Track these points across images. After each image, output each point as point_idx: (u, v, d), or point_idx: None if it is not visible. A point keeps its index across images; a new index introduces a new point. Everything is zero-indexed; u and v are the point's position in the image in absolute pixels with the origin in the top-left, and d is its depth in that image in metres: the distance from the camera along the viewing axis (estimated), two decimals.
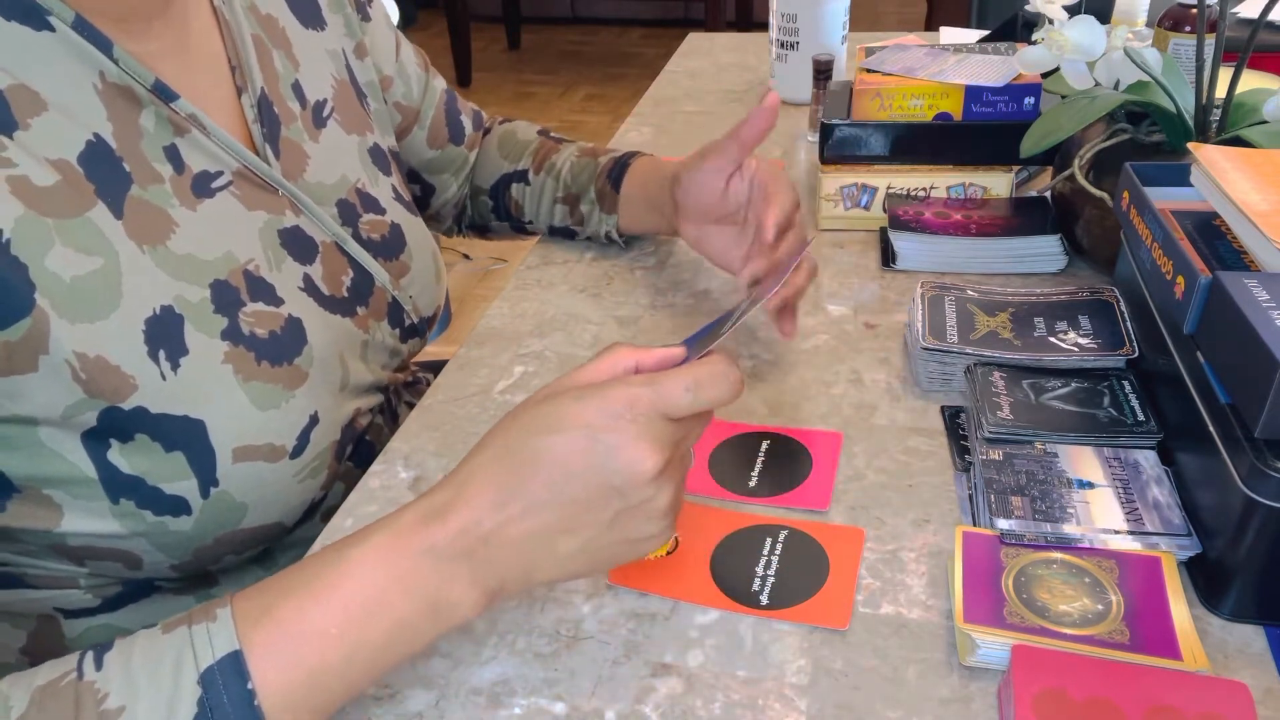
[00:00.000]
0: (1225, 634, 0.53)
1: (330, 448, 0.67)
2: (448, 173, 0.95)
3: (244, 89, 0.68)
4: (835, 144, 0.95)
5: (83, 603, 0.66)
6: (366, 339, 0.73)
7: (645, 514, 0.47)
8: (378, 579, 0.46)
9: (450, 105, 0.94)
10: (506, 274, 2.61)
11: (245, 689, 0.43)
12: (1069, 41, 0.79)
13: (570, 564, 0.48)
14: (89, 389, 0.55)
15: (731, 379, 0.48)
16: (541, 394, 0.49)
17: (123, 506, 0.59)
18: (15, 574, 0.64)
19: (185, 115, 0.62)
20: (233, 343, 0.61)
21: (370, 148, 0.79)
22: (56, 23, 0.56)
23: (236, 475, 0.61)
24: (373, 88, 0.82)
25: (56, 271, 0.54)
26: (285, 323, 0.65)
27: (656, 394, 0.46)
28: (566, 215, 0.93)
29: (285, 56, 0.73)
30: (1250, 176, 0.62)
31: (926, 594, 0.57)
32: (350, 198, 0.75)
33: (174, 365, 0.58)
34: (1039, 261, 0.86)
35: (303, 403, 0.64)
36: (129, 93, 0.59)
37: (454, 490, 0.47)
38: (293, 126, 0.71)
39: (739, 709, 0.51)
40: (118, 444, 0.57)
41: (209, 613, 0.45)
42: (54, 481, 0.58)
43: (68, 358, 0.54)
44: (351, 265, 0.73)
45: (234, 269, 0.63)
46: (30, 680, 0.44)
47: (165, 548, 0.62)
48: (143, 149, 0.60)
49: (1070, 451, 0.62)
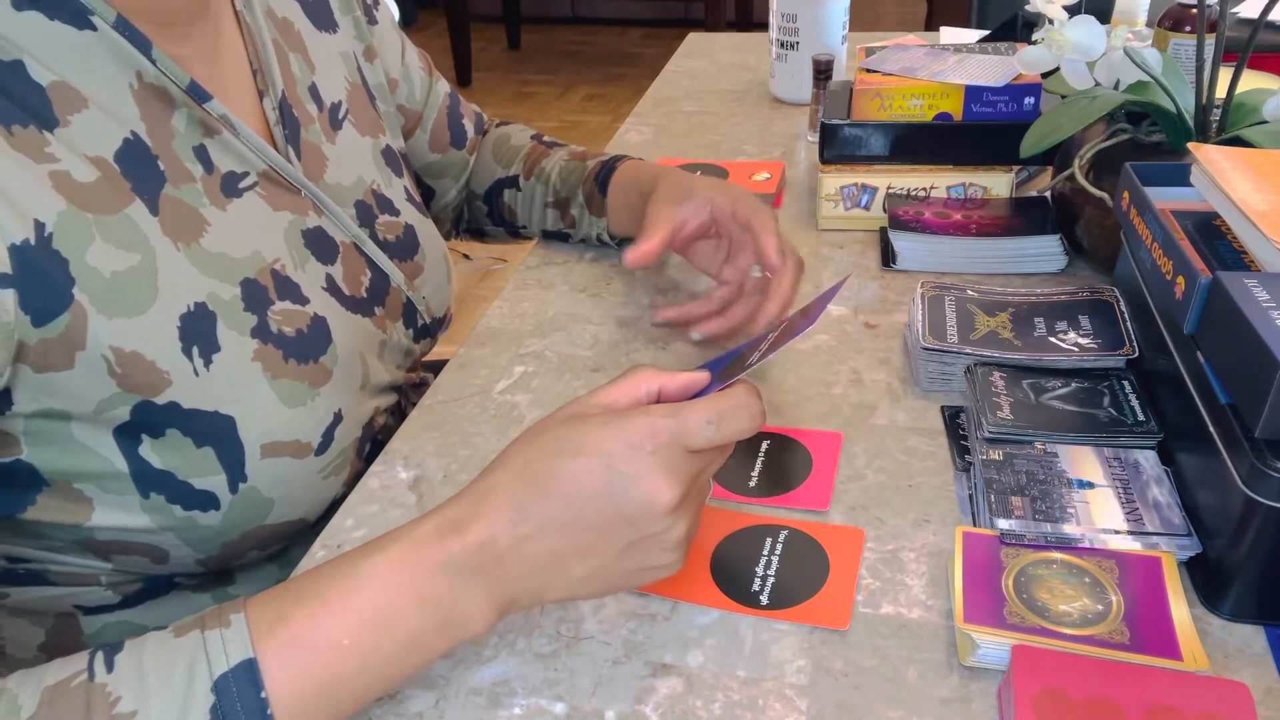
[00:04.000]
0: (1225, 634, 0.53)
1: (352, 445, 0.68)
2: (448, 177, 0.95)
3: (265, 92, 0.69)
4: (835, 144, 0.95)
5: (103, 599, 0.67)
6: (385, 339, 0.74)
7: (660, 545, 0.48)
8: (392, 591, 0.46)
9: (453, 109, 0.94)
10: (506, 274, 2.61)
11: (259, 697, 0.43)
12: (1069, 41, 0.79)
13: (582, 587, 0.49)
14: (124, 384, 0.56)
15: (753, 411, 0.48)
16: (564, 413, 0.49)
17: (153, 501, 0.60)
18: (38, 571, 0.64)
19: (217, 116, 0.62)
20: (262, 340, 0.62)
21: (383, 149, 0.80)
22: (99, 22, 0.56)
23: (264, 471, 0.62)
24: (382, 90, 0.83)
25: (96, 267, 0.54)
26: (311, 321, 0.65)
27: (678, 426, 0.46)
28: (558, 219, 0.94)
29: (302, 59, 0.73)
30: (1250, 176, 0.62)
31: (926, 594, 0.57)
32: (367, 199, 0.75)
33: (206, 361, 0.59)
34: (1039, 261, 0.86)
35: (327, 400, 0.65)
36: (164, 93, 0.60)
37: (472, 504, 0.47)
38: (311, 128, 0.72)
39: (739, 709, 0.51)
40: (149, 439, 0.58)
41: (222, 618, 0.45)
42: (85, 476, 0.58)
43: (104, 352, 0.55)
44: (369, 266, 0.73)
45: (262, 268, 0.63)
46: (39, 679, 0.44)
47: (193, 542, 0.62)
48: (174, 148, 0.61)
49: (1070, 451, 0.62)
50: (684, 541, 0.48)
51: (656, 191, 0.81)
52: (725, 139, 1.20)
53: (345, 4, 0.80)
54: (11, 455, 0.57)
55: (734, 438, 0.48)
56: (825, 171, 0.95)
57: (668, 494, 0.46)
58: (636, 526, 0.47)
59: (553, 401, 0.75)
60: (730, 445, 0.50)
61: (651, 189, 0.82)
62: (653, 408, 0.47)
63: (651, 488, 0.46)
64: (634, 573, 0.49)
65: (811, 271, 0.90)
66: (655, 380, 0.50)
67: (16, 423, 0.55)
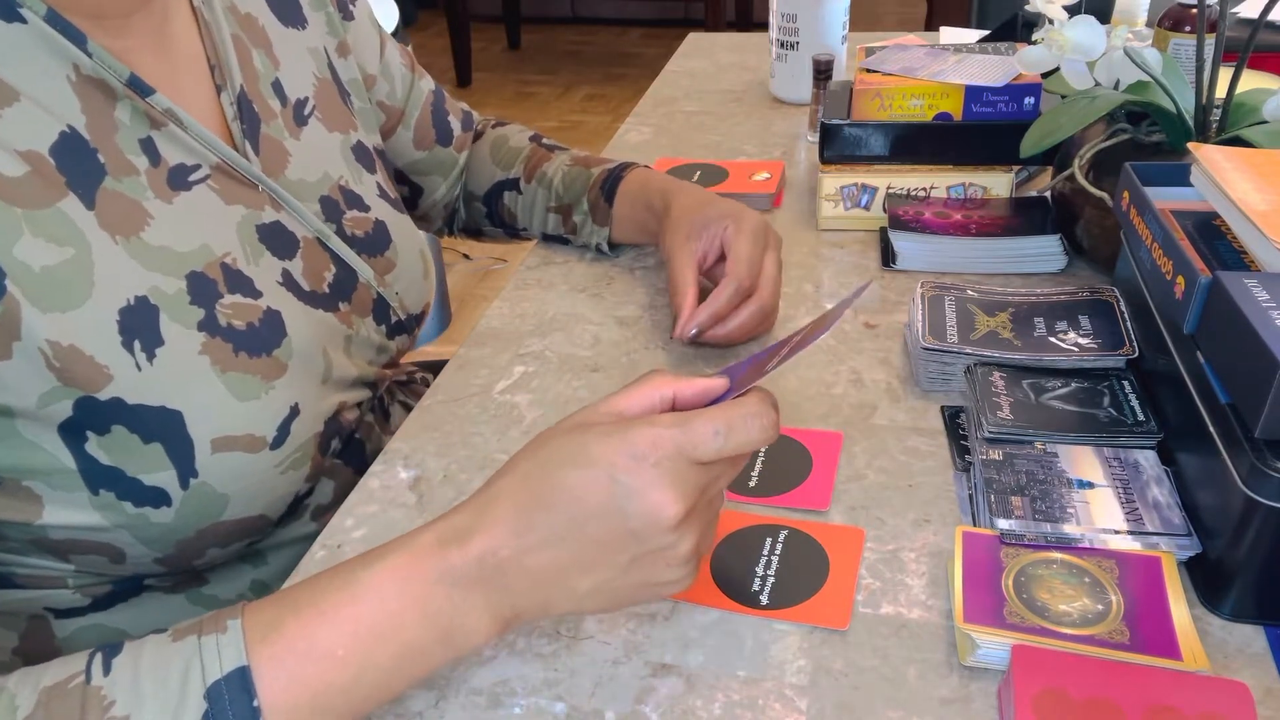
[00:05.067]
0: (1225, 634, 0.53)
1: (313, 440, 0.67)
2: (436, 174, 0.95)
3: (223, 87, 0.68)
4: (835, 144, 0.95)
5: (72, 602, 0.66)
6: (350, 334, 0.73)
7: (666, 560, 0.46)
8: (390, 602, 0.45)
9: (438, 106, 0.93)
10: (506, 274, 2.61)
11: (250, 706, 0.43)
12: (1069, 41, 0.79)
13: (587, 601, 0.47)
14: (63, 377, 0.55)
15: (765, 421, 0.46)
16: (572, 420, 0.48)
17: (103, 498, 0.59)
18: (3, 573, 0.64)
19: (162, 110, 0.62)
20: (210, 334, 0.61)
21: (354, 145, 0.79)
22: (29, 15, 0.56)
23: (216, 466, 0.61)
24: (356, 85, 0.82)
25: (25, 260, 0.54)
26: (264, 315, 0.64)
27: (683, 436, 0.45)
28: (560, 225, 0.93)
29: (265, 55, 0.73)
30: (1250, 176, 0.62)
31: (926, 594, 0.57)
32: (333, 194, 0.74)
33: (150, 356, 0.58)
34: (1039, 261, 0.86)
35: (283, 394, 0.64)
36: (104, 86, 0.59)
37: (474, 515, 0.47)
38: (273, 124, 0.71)
39: (739, 709, 0.51)
40: (95, 436, 0.57)
41: (219, 623, 0.45)
42: (34, 472, 0.58)
43: (40, 346, 0.54)
44: (334, 261, 0.72)
45: (210, 261, 0.63)
46: (37, 679, 0.44)
47: (147, 540, 0.62)
48: (117, 141, 0.60)
49: (1070, 451, 0.62)
50: (692, 557, 0.47)
51: (670, 221, 0.81)
52: (725, 139, 1.20)
53: (316, 0, 0.79)
54: None
55: (744, 449, 0.46)
56: (825, 171, 0.95)
57: (672, 508, 0.44)
58: (641, 541, 0.45)
59: (553, 401, 0.75)
60: (744, 457, 0.48)
61: (664, 208, 0.82)
62: (659, 417, 0.46)
63: (655, 501, 0.44)
64: (640, 588, 0.47)
65: (811, 271, 0.90)
66: (670, 386, 0.48)
67: None
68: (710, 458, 0.45)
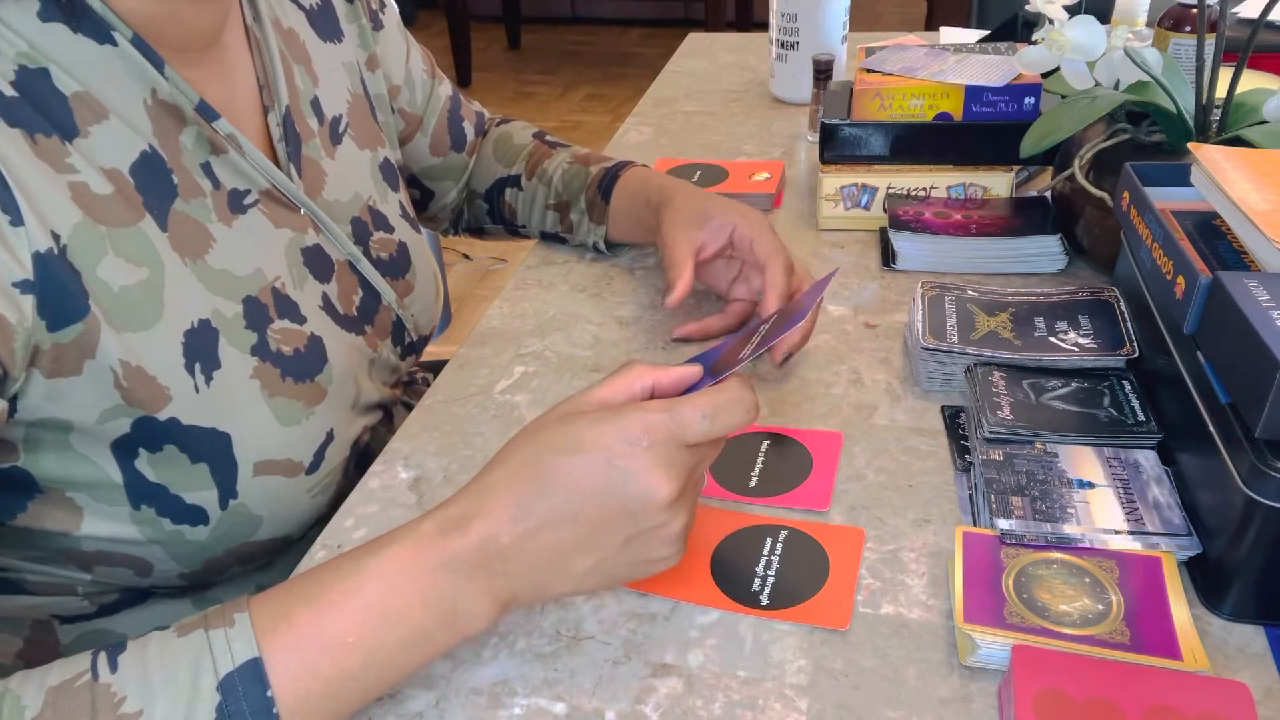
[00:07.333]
0: (1225, 634, 0.53)
1: (341, 464, 0.68)
2: (447, 179, 0.95)
3: (271, 107, 0.69)
4: (835, 144, 0.95)
5: (79, 609, 0.67)
6: (374, 357, 0.74)
7: (659, 538, 0.49)
8: (395, 589, 0.46)
9: (454, 113, 0.93)
10: (506, 274, 2.61)
11: (265, 696, 0.44)
12: (1069, 41, 0.79)
13: (584, 581, 0.49)
14: (128, 397, 0.56)
15: (747, 404, 0.49)
16: (560, 410, 0.50)
17: (143, 513, 0.60)
18: (14, 580, 0.64)
19: (224, 135, 0.62)
20: (261, 359, 0.62)
21: (381, 163, 0.80)
22: (118, 38, 0.57)
23: (255, 489, 0.62)
24: (382, 100, 0.82)
25: (106, 280, 0.55)
26: (308, 341, 0.66)
27: (673, 421, 0.47)
28: (557, 222, 0.93)
29: (305, 72, 0.73)
30: (1250, 176, 0.62)
31: (926, 594, 0.57)
32: (363, 215, 0.75)
33: (207, 378, 0.59)
34: (1039, 261, 0.86)
35: (320, 420, 0.66)
36: (175, 110, 0.60)
37: (473, 502, 0.48)
38: (311, 143, 0.72)
39: (739, 709, 0.51)
40: (146, 453, 0.58)
41: (226, 617, 0.45)
42: (79, 484, 0.58)
43: (112, 365, 0.55)
44: (361, 284, 0.73)
45: (263, 286, 0.64)
46: (42, 679, 0.44)
47: (179, 556, 0.62)
48: (184, 164, 0.61)
49: (1070, 451, 0.62)
50: (682, 534, 0.49)
51: (670, 211, 0.80)
52: (725, 139, 1.20)
53: (351, 12, 0.79)
54: (9, 462, 0.57)
55: (729, 431, 0.49)
56: (825, 171, 0.95)
57: (666, 488, 0.47)
58: (636, 520, 0.48)
59: (553, 401, 0.75)
60: (724, 440, 0.51)
61: (663, 204, 0.82)
62: (648, 404, 0.48)
63: (650, 482, 0.47)
64: (635, 565, 0.50)
65: (811, 271, 0.90)
66: (649, 376, 0.51)
67: (18, 430, 0.55)
68: (698, 439, 0.48)
